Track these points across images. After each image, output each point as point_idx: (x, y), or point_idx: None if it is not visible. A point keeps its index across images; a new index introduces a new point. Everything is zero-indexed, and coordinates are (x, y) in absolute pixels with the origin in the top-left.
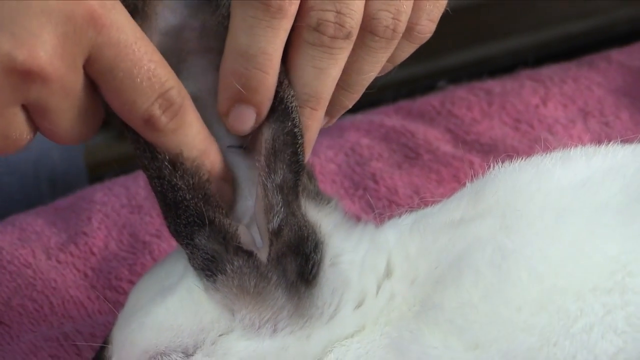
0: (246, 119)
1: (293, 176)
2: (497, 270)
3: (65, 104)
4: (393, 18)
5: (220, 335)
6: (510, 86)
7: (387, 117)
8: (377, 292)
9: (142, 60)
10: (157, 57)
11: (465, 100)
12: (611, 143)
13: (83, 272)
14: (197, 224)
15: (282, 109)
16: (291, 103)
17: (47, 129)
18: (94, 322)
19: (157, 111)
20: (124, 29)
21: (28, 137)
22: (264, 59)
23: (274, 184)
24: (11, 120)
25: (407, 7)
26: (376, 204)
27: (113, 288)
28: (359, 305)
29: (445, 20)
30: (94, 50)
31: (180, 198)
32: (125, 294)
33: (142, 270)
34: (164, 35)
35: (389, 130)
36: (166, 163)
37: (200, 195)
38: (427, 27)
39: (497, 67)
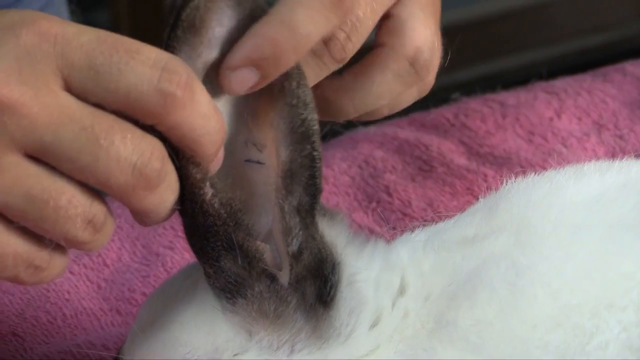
0: (248, 83)
1: (310, 199)
2: (512, 287)
3: (60, 132)
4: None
5: (235, 355)
6: (524, 98)
7: (401, 129)
8: (392, 310)
9: (118, 44)
10: (130, 40)
11: (479, 113)
12: (625, 157)
13: (96, 284)
14: (225, 248)
15: (302, 132)
16: (313, 126)
17: (77, 170)
18: (107, 333)
19: (168, 86)
20: (80, 28)
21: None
22: (305, 42)
23: (291, 206)
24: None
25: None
26: (389, 217)
27: (126, 300)
28: (374, 324)
29: (460, 33)
30: (61, 63)
31: (210, 223)
32: (139, 305)
33: (155, 283)
34: (209, 48)
35: (402, 142)
36: (201, 187)
37: (231, 223)
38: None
39: (511, 81)
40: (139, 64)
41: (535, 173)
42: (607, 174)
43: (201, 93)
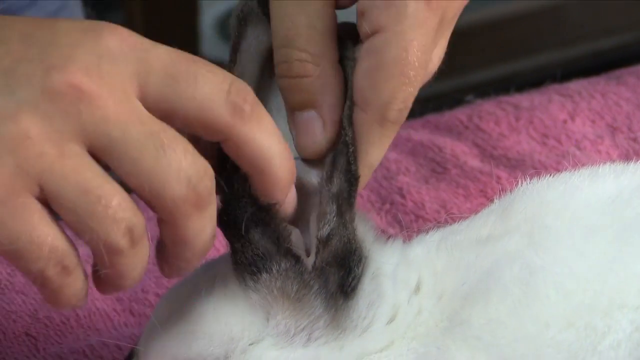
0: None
1: (347, 186)
2: (525, 286)
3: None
4: None
5: (250, 344)
6: (538, 101)
7: (415, 131)
8: (407, 307)
9: (194, 57)
10: (199, 61)
11: (493, 115)
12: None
13: None
14: (255, 219)
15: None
16: (348, 114)
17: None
18: (120, 334)
19: (238, 100)
20: (155, 42)
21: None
22: None
23: (330, 193)
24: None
25: None
26: (403, 219)
27: (139, 300)
28: (391, 320)
29: (474, 35)
30: (141, 68)
31: (247, 190)
32: (152, 306)
33: (168, 283)
34: None
35: (416, 144)
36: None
37: None
38: None
39: (525, 83)
40: (214, 76)
41: (549, 175)
42: (622, 176)
43: (265, 113)
